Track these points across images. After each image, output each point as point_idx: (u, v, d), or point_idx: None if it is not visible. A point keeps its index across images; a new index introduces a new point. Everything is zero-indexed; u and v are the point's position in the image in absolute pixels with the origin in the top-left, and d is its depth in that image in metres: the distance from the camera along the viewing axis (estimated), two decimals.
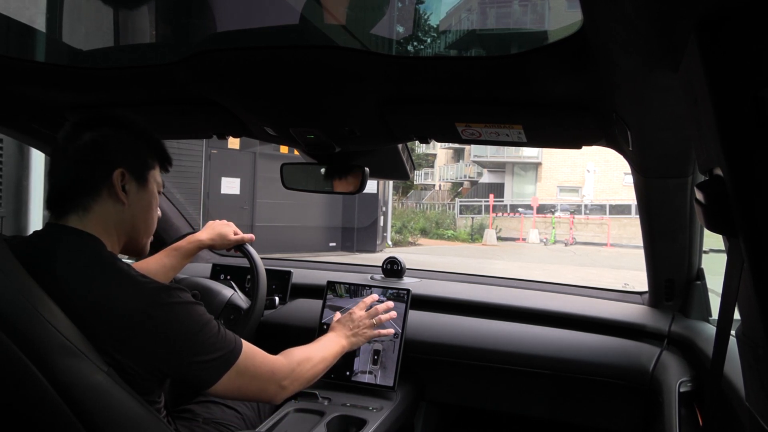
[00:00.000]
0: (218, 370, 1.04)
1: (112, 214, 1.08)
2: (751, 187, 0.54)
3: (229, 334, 1.08)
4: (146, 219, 1.15)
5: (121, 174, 1.07)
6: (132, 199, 1.10)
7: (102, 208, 1.06)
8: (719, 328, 0.71)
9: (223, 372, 1.04)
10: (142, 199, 1.12)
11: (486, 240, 19.24)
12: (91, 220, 1.05)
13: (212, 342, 1.03)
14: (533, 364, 1.65)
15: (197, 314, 1.03)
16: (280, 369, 1.16)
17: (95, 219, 1.05)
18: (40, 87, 1.37)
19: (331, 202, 12.38)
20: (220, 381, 1.04)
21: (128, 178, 1.09)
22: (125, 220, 1.10)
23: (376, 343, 1.70)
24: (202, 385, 1.04)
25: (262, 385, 1.12)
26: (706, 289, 1.62)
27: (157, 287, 1.01)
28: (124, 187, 1.08)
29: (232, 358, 1.06)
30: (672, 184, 1.29)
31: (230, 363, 1.05)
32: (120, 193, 1.07)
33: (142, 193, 1.12)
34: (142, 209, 1.13)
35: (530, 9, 1.37)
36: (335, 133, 1.35)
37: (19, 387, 0.87)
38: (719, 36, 0.53)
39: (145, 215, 1.14)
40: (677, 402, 1.27)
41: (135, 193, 1.11)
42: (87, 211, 1.05)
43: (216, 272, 2.04)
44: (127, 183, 1.09)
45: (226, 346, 1.05)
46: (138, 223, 1.13)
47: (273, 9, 1.20)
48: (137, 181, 1.11)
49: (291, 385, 1.18)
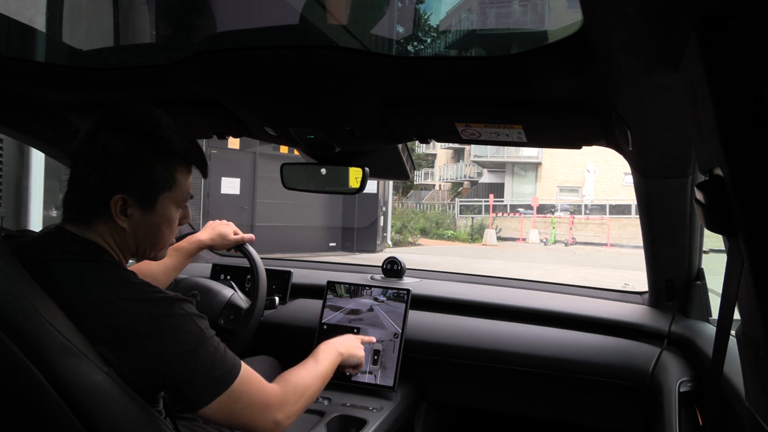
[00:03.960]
0: (213, 390, 0.97)
1: (112, 234, 1.02)
2: (751, 187, 0.54)
3: (229, 353, 1.02)
4: (153, 239, 1.06)
5: (122, 200, 0.99)
6: (135, 222, 1.02)
7: (101, 227, 1.01)
8: (719, 328, 0.71)
9: (218, 393, 0.97)
10: (148, 222, 1.03)
11: (486, 240, 19.23)
12: (91, 233, 1.01)
13: (210, 359, 0.97)
14: (533, 364, 1.65)
15: (197, 328, 0.98)
16: (275, 401, 1.06)
17: (95, 233, 1.01)
18: (40, 87, 1.37)
19: (331, 202, 12.38)
20: (212, 403, 0.97)
21: (131, 203, 1.00)
22: (126, 241, 1.03)
23: (376, 343, 1.70)
24: (192, 404, 0.97)
25: (253, 416, 1.02)
26: (706, 289, 1.62)
27: (158, 297, 0.97)
28: (127, 211, 1.01)
29: (228, 380, 0.98)
30: (672, 184, 1.29)
31: (226, 385, 0.98)
32: (117, 218, 1.00)
33: (149, 216, 1.03)
34: (147, 232, 1.04)
35: (530, 9, 1.38)
36: (335, 133, 1.35)
37: (19, 387, 0.87)
38: (719, 36, 0.53)
39: (152, 236, 1.06)
40: (677, 402, 1.27)
41: (139, 217, 1.02)
42: (87, 225, 1.01)
43: (216, 272, 2.04)
44: (130, 207, 1.01)
45: (224, 366, 0.99)
46: (142, 244, 1.06)
47: (273, 9, 1.20)
48: (142, 206, 1.02)
49: (285, 420, 1.08)
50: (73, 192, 1.02)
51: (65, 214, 1.03)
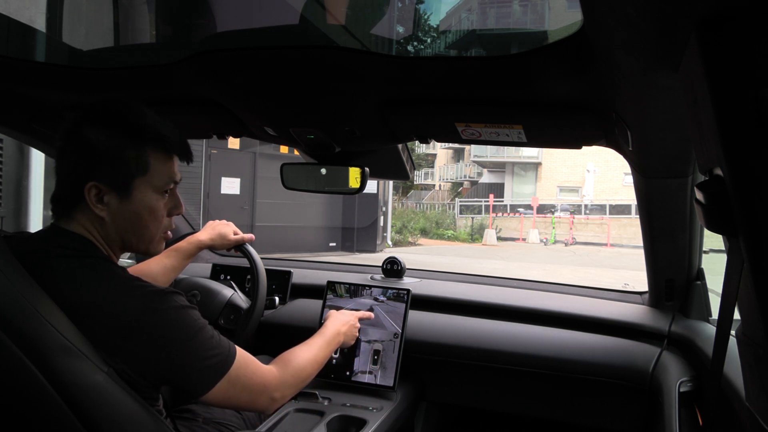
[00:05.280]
0: (212, 378, 1.00)
1: (93, 223, 1.02)
2: (751, 187, 0.54)
3: (224, 340, 1.05)
4: (136, 229, 1.04)
5: (95, 188, 0.99)
6: (113, 211, 1.01)
7: (83, 218, 1.01)
8: (719, 328, 0.71)
9: (217, 379, 1.01)
10: (127, 211, 1.02)
11: (486, 240, 19.23)
12: (77, 226, 1.02)
13: (206, 348, 1.00)
14: (533, 364, 1.65)
15: (191, 319, 1.00)
16: (272, 381, 1.12)
17: (80, 226, 1.02)
18: (40, 87, 1.37)
19: (331, 202, 12.38)
20: (211, 390, 1.00)
21: (105, 190, 1.00)
22: (109, 232, 1.03)
23: (376, 343, 1.70)
24: (194, 392, 1.01)
25: (253, 397, 1.08)
26: (706, 289, 1.62)
27: (149, 292, 0.98)
28: (103, 199, 1.00)
29: (226, 365, 1.02)
30: (672, 184, 1.29)
31: (224, 371, 1.01)
32: (94, 207, 0.99)
33: (127, 204, 1.02)
34: (128, 221, 1.03)
35: (530, 9, 1.38)
36: (335, 133, 1.35)
37: (20, 387, 0.87)
38: (720, 36, 0.53)
39: (134, 226, 1.04)
40: (677, 402, 1.27)
41: (117, 205, 1.01)
42: (70, 218, 1.02)
43: (216, 272, 2.04)
44: (106, 195, 1.00)
45: (220, 353, 1.02)
46: (126, 235, 1.05)
47: (273, 9, 1.20)
48: (118, 193, 1.01)
49: (283, 397, 1.14)
50: (56, 187, 1.05)
51: (52, 210, 1.05)
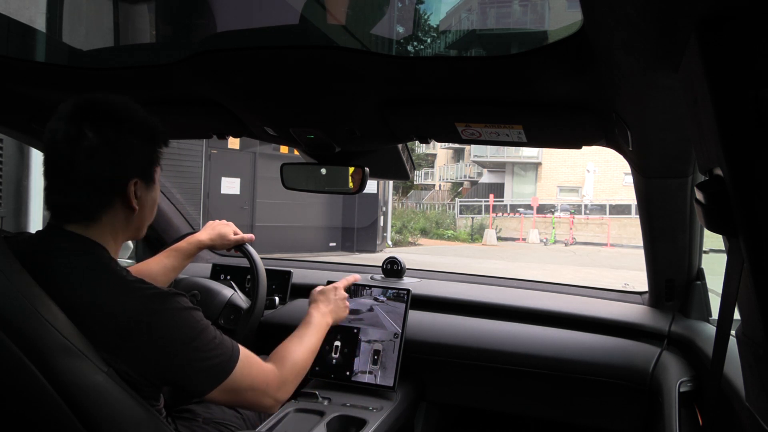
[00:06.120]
0: (214, 378, 1.01)
1: (121, 220, 1.05)
2: (751, 187, 0.54)
3: (227, 340, 1.05)
4: (151, 212, 1.13)
5: (135, 184, 1.03)
6: (142, 202, 1.07)
7: (112, 218, 1.03)
8: (719, 328, 0.71)
9: (220, 380, 1.01)
10: (150, 199, 1.10)
11: (486, 240, 19.23)
12: (97, 228, 1.02)
13: (209, 349, 1.00)
14: (533, 364, 1.65)
15: (193, 320, 1.00)
16: (274, 380, 1.12)
17: (102, 228, 1.02)
18: (40, 87, 1.37)
19: (331, 202, 12.38)
20: (215, 390, 1.01)
21: (140, 185, 1.05)
22: (133, 223, 1.08)
23: (376, 343, 1.70)
24: (196, 392, 1.02)
25: (256, 397, 1.09)
26: (706, 289, 1.62)
27: (152, 293, 0.98)
28: (137, 194, 1.04)
29: (228, 367, 1.02)
30: (672, 184, 1.29)
31: (227, 372, 1.02)
32: (133, 201, 1.04)
33: (151, 192, 1.10)
34: (150, 208, 1.11)
35: (530, 9, 1.37)
36: (335, 133, 1.35)
37: (19, 387, 0.87)
38: (720, 36, 0.53)
39: (151, 211, 1.12)
40: (677, 402, 1.27)
41: (145, 197, 1.08)
42: (95, 221, 1.01)
43: (216, 272, 2.04)
44: (139, 189, 1.05)
45: (223, 354, 1.02)
46: (144, 222, 1.12)
47: (273, 9, 1.20)
48: (146, 184, 1.07)
49: (285, 395, 1.16)
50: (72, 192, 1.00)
51: (62, 215, 1.01)
